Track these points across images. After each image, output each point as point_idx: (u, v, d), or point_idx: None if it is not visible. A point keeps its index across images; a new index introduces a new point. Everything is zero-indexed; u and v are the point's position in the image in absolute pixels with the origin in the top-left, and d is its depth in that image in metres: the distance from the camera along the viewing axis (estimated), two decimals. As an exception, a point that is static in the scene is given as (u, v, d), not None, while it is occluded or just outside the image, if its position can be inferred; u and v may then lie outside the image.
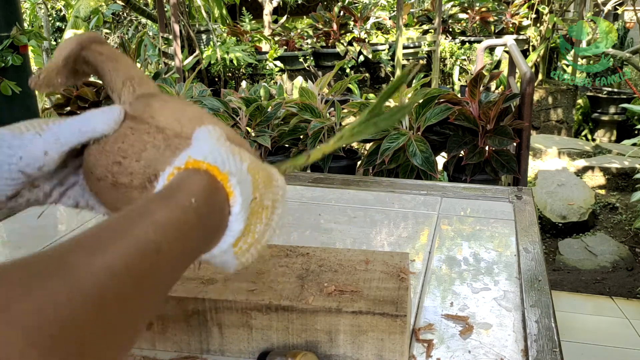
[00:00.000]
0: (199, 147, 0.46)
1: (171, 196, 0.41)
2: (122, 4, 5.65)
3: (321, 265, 0.76)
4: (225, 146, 0.47)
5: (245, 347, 0.71)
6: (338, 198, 1.27)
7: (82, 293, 0.29)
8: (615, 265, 3.38)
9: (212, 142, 0.47)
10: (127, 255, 0.33)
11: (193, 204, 0.40)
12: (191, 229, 0.40)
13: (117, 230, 0.35)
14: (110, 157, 0.60)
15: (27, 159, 0.51)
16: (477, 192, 1.29)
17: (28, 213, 1.21)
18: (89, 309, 0.29)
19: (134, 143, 0.60)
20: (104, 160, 0.61)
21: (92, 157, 0.62)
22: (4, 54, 2.38)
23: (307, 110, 2.67)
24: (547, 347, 0.71)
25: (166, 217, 0.38)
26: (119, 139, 0.61)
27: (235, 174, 0.45)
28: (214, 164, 0.44)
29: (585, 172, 4.53)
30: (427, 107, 2.50)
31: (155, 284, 0.36)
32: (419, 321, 0.78)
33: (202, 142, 0.48)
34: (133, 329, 0.33)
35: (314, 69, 5.94)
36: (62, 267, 0.30)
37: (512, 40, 3.33)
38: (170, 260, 0.38)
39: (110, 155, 0.61)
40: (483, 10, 6.32)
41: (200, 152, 0.45)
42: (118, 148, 0.60)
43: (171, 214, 0.39)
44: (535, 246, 1.00)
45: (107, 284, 0.31)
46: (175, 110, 0.62)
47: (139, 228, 0.36)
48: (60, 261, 0.30)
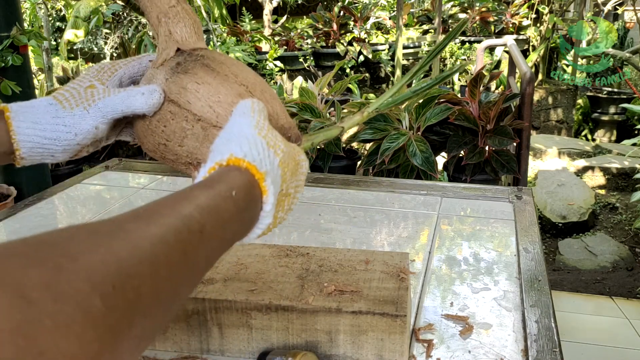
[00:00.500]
0: (239, 143, 0.49)
1: (213, 187, 0.44)
2: (122, 4, 5.65)
3: (321, 265, 0.76)
4: (262, 137, 0.50)
5: (245, 347, 0.71)
6: (338, 198, 1.27)
7: (139, 253, 0.33)
8: (615, 265, 3.38)
9: (251, 132, 0.50)
10: (175, 228, 0.37)
11: (233, 196, 0.44)
12: (230, 218, 0.44)
13: (168, 206, 0.39)
14: (156, 137, 0.64)
15: (81, 134, 0.59)
16: (477, 192, 1.29)
17: (28, 213, 1.21)
18: (144, 268, 0.33)
19: (175, 129, 0.62)
20: (151, 138, 0.64)
21: (140, 130, 0.65)
22: (4, 54, 2.38)
23: (307, 110, 2.67)
24: (547, 347, 0.71)
25: (209, 203, 0.42)
26: (161, 121, 0.63)
27: (270, 172, 0.49)
28: (253, 162, 0.48)
29: (585, 172, 4.53)
30: (427, 107, 2.50)
31: (197, 260, 0.40)
32: (419, 321, 0.78)
33: (242, 131, 0.51)
34: (176, 295, 0.37)
35: (314, 69, 5.94)
36: (123, 231, 0.34)
37: (512, 40, 3.33)
38: (210, 242, 0.41)
39: (155, 135, 0.64)
40: (483, 10, 6.32)
41: (241, 150, 0.48)
42: (162, 131, 0.63)
43: (213, 201, 0.42)
44: (535, 246, 1.00)
45: (159, 250, 0.35)
46: (209, 95, 0.62)
47: (185, 208, 0.40)
48: (120, 227, 0.34)
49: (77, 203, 1.29)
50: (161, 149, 0.64)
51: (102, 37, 7.98)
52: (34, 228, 1.13)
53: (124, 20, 7.59)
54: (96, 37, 7.99)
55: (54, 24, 7.75)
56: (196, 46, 0.66)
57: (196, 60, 0.63)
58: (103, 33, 7.92)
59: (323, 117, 2.66)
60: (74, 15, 5.83)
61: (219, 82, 0.62)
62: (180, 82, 0.62)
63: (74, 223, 0.96)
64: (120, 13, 7.27)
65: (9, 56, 2.39)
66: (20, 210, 1.22)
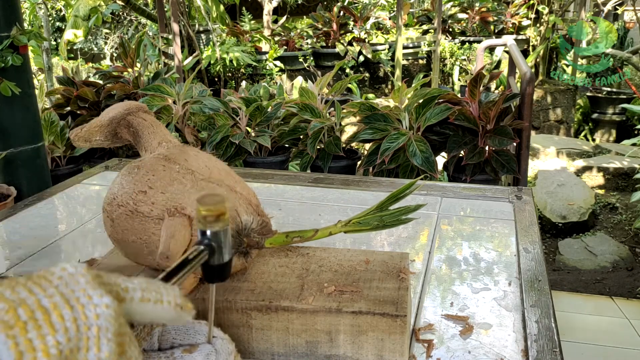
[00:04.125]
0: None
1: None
2: (121, 3, 5.65)
3: (321, 265, 0.76)
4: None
5: (245, 347, 0.71)
6: (338, 198, 1.27)
7: None
8: (615, 265, 3.38)
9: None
10: None
11: None
12: None
13: None
14: (136, 186, 0.68)
15: None
16: (477, 192, 1.29)
17: (28, 213, 1.21)
18: None
19: (163, 177, 0.68)
20: (129, 188, 0.68)
21: (118, 185, 0.70)
22: (4, 54, 2.38)
23: (307, 110, 2.67)
24: (547, 347, 0.71)
25: None
26: (149, 172, 0.69)
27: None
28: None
29: (585, 172, 4.53)
30: (427, 107, 2.50)
31: None
32: (419, 321, 0.78)
33: None
34: None
35: (314, 69, 5.94)
36: None
37: (512, 40, 3.33)
38: None
39: (137, 185, 0.68)
40: (483, 10, 6.32)
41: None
42: (148, 179, 0.68)
43: None
44: (535, 246, 1.00)
45: None
46: (207, 160, 0.71)
47: None
48: None
49: (77, 203, 1.29)
50: (138, 199, 0.69)
51: (102, 37, 7.98)
52: (34, 228, 1.13)
53: (124, 20, 7.59)
54: (96, 37, 7.99)
55: (54, 24, 7.74)
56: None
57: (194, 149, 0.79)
58: (103, 33, 7.91)
59: (323, 117, 2.66)
60: (74, 14, 5.82)
61: (217, 159, 0.78)
62: (181, 148, 0.76)
63: (73, 223, 0.96)
64: (120, 13, 7.26)
65: (8, 56, 2.39)
66: (20, 210, 1.22)
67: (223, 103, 2.75)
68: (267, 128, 2.76)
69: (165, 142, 0.77)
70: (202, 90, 2.99)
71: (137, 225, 0.67)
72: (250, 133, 2.74)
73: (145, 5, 6.17)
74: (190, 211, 0.68)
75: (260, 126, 2.75)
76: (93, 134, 0.80)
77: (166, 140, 0.77)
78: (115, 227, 0.69)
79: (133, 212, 0.67)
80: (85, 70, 6.61)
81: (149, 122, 0.80)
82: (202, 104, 2.78)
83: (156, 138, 0.78)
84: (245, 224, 0.72)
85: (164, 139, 0.78)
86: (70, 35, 5.91)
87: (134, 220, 0.67)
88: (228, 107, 2.73)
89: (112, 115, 0.80)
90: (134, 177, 0.68)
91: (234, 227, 0.71)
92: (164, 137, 0.78)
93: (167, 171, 0.68)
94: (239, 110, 2.72)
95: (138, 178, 0.68)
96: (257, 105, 2.69)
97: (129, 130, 0.80)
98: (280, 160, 2.76)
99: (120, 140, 0.82)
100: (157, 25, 5.27)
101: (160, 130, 0.80)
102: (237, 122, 2.72)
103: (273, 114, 2.74)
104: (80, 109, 3.10)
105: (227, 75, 5.64)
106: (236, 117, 2.72)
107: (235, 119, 2.72)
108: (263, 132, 2.71)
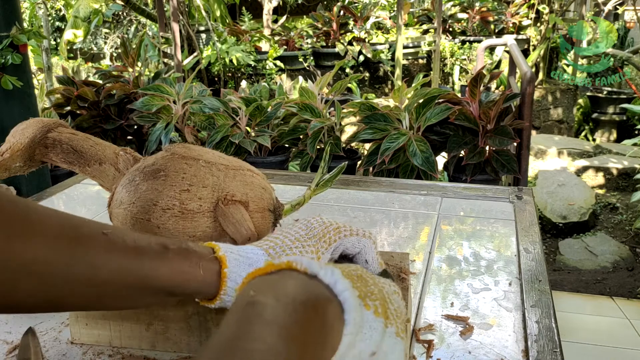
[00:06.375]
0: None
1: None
2: (122, 3, 5.64)
3: (321, 266, 0.76)
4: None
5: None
6: (338, 198, 1.27)
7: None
8: (616, 266, 3.38)
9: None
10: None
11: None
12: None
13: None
14: (176, 187, 0.66)
15: None
16: (477, 192, 1.29)
17: (27, 213, 1.20)
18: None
19: (195, 174, 0.67)
20: (169, 190, 0.66)
21: (151, 191, 0.68)
22: (4, 53, 2.38)
23: (307, 110, 2.67)
24: (547, 348, 0.71)
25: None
26: (179, 171, 0.67)
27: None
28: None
29: (586, 172, 4.53)
30: (427, 107, 2.50)
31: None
32: (419, 321, 0.77)
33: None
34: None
35: (313, 68, 5.94)
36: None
37: (513, 40, 3.33)
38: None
39: (175, 186, 0.66)
40: (483, 10, 6.32)
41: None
42: (182, 178, 0.66)
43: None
44: (536, 246, 1.00)
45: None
46: (211, 151, 0.72)
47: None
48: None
49: (77, 203, 1.29)
50: (183, 198, 0.69)
51: (102, 37, 7.98)
52: (33, 228, 1.13)
53: (124, 20, 7.59)
54: (96, 37, 7.99)
55: (54, 23, 7.75)
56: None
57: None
58: (103, 33, 7.91)
59: (323, 116, 2.66)
60: (74, 15, 5.83)
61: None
62: (183, 145, 0.74)
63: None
64: (120, 13, 7.26)
65: (8, 55, 2.39)
66: (20, 210, 1.21)
67: (223, 103, 2.74)
68: (267, 128, 2.76)
69: (122, 150, 0.73)
70: (202, 90, 2.98)
71: (188, 223, 0.66)
72: (250, 133, 2.74)
73: (145, 5, 6.17)
74: (240, 197, 0.69)
75: (260, 126, 2.75)
76: (14, 160, 0.71)
77: (122, 149, 0.74)
78: (162, 234, 0.67)
79: (183, 212, 0.65)
80: (85, 70, 6.61)
81: (81, 135, 0.73)
82: (202, 104, 2.78)
83: (104, 148, 0.72)
84: (277, 200, 0.78)
85: (113, 147, 0.73)
86: (70, 35, 5.91)
87: (186, 219, 0.66)
88: (228, 107, 2.73)
89: (31, 135, 0.70)
90: (165, 180, 0.66)
91: (273, 204, 0.76)
92: (111, 146, 0.73)
93: (194, 167, 0.67)
94: (238, 110, 2.72)
95: (171, 179, 0.66)
96: (257, 105, 2.69)
97: (54, 149, 0.72)
98: (280, 160, 2.76)
99: (35, 163, 0.74)
100: (157, 25, 5.27)
101: (99, 140, 0.74)
102: (237, 122, 2.71)
103: (273, 113, 2.74)
104: (80, 109, 3.10)
105: (227, 75, 5.64)
106: (236, 117, 2.72)
107: (235, 119, 2.71)
108: (263, 132, 2.71)
